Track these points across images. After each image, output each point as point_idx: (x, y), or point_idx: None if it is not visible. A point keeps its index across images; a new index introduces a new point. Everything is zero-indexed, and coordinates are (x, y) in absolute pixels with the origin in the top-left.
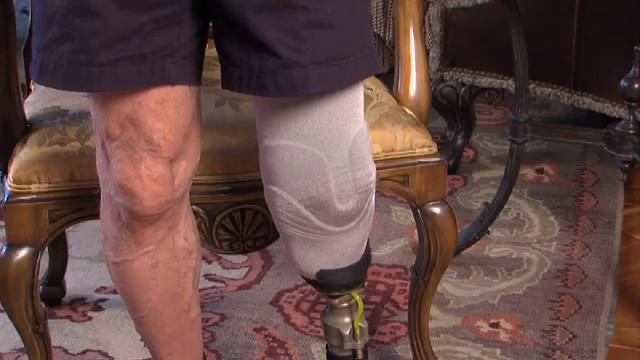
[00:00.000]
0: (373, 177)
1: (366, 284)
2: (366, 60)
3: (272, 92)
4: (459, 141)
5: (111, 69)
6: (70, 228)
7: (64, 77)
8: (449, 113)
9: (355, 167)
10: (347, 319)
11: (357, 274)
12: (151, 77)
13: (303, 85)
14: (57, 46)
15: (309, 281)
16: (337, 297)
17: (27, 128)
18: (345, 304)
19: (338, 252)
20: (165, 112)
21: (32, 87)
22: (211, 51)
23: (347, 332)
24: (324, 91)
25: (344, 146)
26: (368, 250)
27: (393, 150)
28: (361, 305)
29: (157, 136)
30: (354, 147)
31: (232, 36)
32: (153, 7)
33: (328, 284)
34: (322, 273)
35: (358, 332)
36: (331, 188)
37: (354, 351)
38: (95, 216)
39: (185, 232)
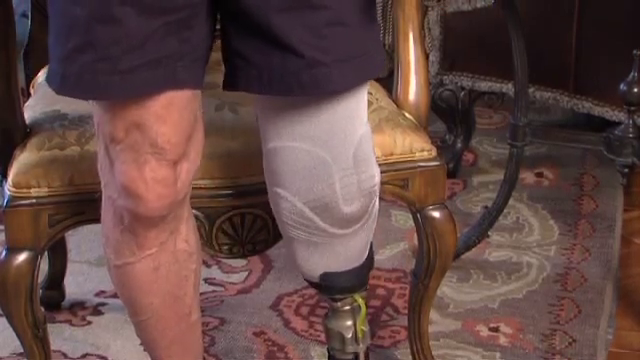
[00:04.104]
0: (377, 179)
1: (367, 287)
2: (378, 57)
3: (297, 92)
4: (459, 145)
5: (130, 76)
6: (69, 232)
7: (87, 86)
8: (449, 117)
9: (360, 169)
10: (349, 322)
11: (360, 277)
12: (164, 82)
13: (327, 83)
14: (79, 55)
15: (312, 284)
16: (340, 300)
17: (27, 132)
18: (347, 307)
19: (342, 255)
20: (170, 116)
21: (32, 91)
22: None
23: (349, 335)
24: (346, 88)
25: (349, 148)
26: (371, 253)
27: (392, 154)
28: (363, 308)
29: (161, 140)
30: (359, 149)
31: (250, 37)
32: (168, 12)
33: (331, 287)
34: (325, 276)
35: (360, 335)
36: (336, 190)
37: (356, 354)
38: (95, 220)
39: (186, 235)
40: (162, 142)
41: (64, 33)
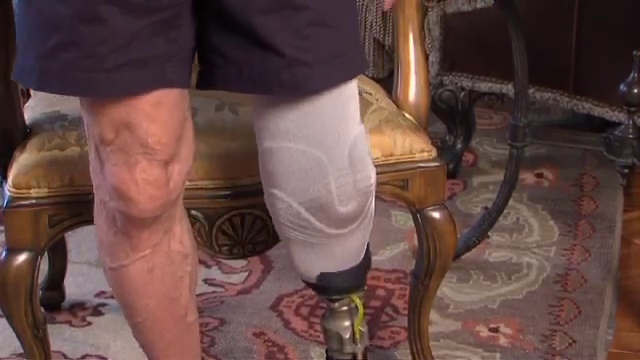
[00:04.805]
0: (373, 180)
1: (366, 288)
2: (360, 57)
3: (277, 91)
4: (458, 145)
5: (116, 74)
6: (69, 233)
7: (70, 82)
8: (448, 117)
9: (355, 169)
10: (347, 323)
11: (357, 277)
12: (151, 81)
13: (307, 83)
14: (62, 53)
15: (309, 284)
16: (337, 300)
17: (27, 133)
18: (345, 307)
19: (339, 255)
20: (160, 115)
21: (32, 92)
22: None
23: (347, 336)
24: (326, 87)
25: (344, 148)
26: (368, 254)
27: (392, 155)
28: (361, 309)
29: (152, 140)
30: (354, 149)
31: (231, 35)
32: (153, 11)
33: (328, 287)
34: (322, 276)
35: (358, 336)
36: (332, 190)
37: (354, 355)
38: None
39: (180, 236)
40: (152, 142)
41: (44, 31)
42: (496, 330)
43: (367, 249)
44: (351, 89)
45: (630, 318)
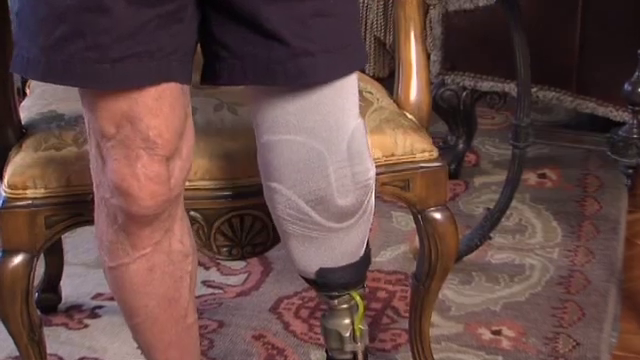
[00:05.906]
0: (372, 174)
1: (366, 288)
2: (361, 49)
3: (282, 81)
4: (460, 146)
5: (121, 66)
6: (66, 234)
7: (76, 74)
8: (450, 117)
9: (353, 162)
10: (347, 320)
11: (357, 274)
12: (156, 74)
13: (312, 73)
14: (67, 44)
15: (308, 281)
16: (337, 298)
17: (23, 133)
18: (345, 305)
19: (338, 249)
20: (161, 109)
21: (27, 91)
22: None
23: (347, 334)
24: (331, 78)
25: (342, 140)
26: (368, 251)
27: (393, 155)
28: (361, 306)
29: (153, 133)
30: (352, 142)
31: (235, 27)
32: (158, 3)
33: (327, 283)
34: (322, 271)
35: (358, 334)
36: (331, 182)
37: (354, 353)
38: (92, 222)
39: (181, 235)
40: (154, 136)
41: (50, 22)
42: (498, 333)
43: (367, 246)
44: (352, 82)
45: (634, 320)
